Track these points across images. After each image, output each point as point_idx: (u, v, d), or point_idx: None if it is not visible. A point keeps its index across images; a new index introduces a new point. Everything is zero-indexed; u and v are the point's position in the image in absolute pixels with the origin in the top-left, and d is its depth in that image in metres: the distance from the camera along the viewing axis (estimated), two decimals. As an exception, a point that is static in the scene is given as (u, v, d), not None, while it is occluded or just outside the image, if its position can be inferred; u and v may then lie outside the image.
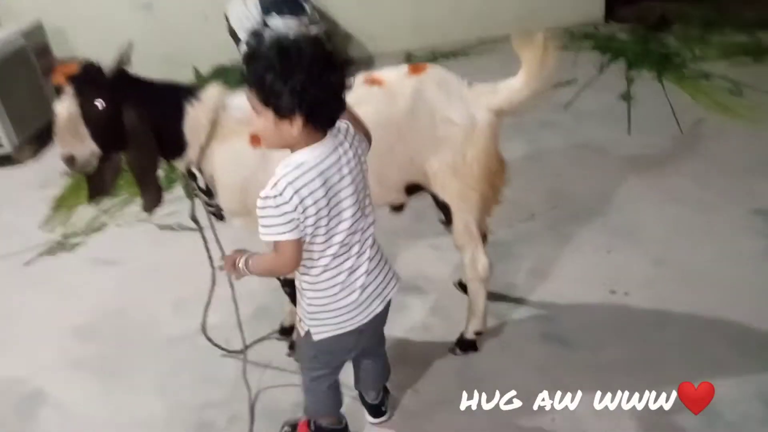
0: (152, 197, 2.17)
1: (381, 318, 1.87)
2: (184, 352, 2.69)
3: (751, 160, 3.44)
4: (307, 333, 1.82)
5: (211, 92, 2.11)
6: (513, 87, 2.17)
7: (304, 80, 1.45)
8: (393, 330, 2.44)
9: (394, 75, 2.18)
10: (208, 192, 2.20)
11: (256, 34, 1.53)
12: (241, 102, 2.04)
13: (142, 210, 2.23)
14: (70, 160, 2.04)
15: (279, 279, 2.50)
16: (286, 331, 2.71)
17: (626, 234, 3.03)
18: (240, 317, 2.41)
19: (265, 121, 1.55)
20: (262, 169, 2.07)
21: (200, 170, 2.16)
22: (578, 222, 3.15)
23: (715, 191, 3.23)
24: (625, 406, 2.17)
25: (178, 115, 2.07)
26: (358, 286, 1.75)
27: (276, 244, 1.61)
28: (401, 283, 1.90)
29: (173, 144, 2.10)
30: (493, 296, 2.57)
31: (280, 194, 1.55)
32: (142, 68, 2.07)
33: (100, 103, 1.96)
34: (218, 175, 2.14)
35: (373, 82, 2.15)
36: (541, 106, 2.38)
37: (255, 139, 2.07)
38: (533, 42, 2.09)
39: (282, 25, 4.81)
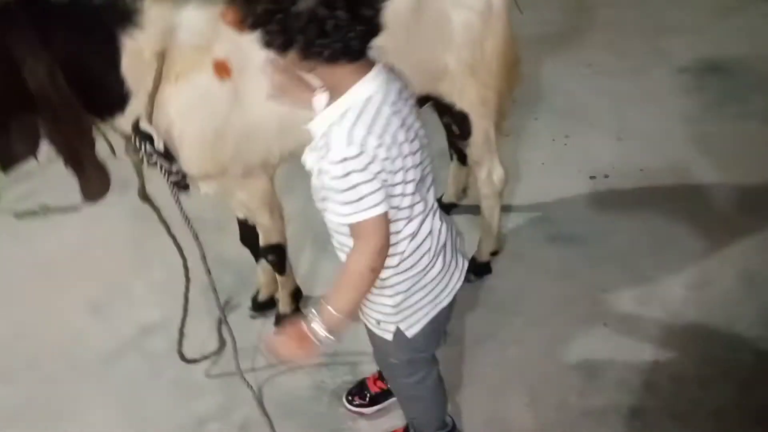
0: (94, 179, 1.52)
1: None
2: (133, 367, 2.09)
3: (656, 21, 3.43)
4: (397, 333, 1.38)
5: (154, 12, 1.47)
6: None
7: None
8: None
9: None
10: (168, 155, 1.58)
11: None
12: (194, 19, 1.46)
13: (83, 199, 1.55)
14: None
15: (259, 248, 1.98)
16: (262, 306, 2.20)
17: (573, 115, 2.88)
18: (220, 303, 1.87)
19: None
20: (237, 109, 1.57)
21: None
22: (521, 115, 2.93)
23: (634, 57, 3.18)
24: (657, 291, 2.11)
25: (112, 54, 1.43)
26: (441, 246, 1.33)
27: (361, 227, 1.15)
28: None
29: (110, 96, 1.47)
30: (475, 210, 2.28)
31: (363, 149, 1.10)
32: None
33: None
34: (179, 126, 1.55)
35: None
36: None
37: (221, 68, 1.53)
38: None
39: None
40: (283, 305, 2.10)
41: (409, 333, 1.39)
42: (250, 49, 1.55)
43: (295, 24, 1.03)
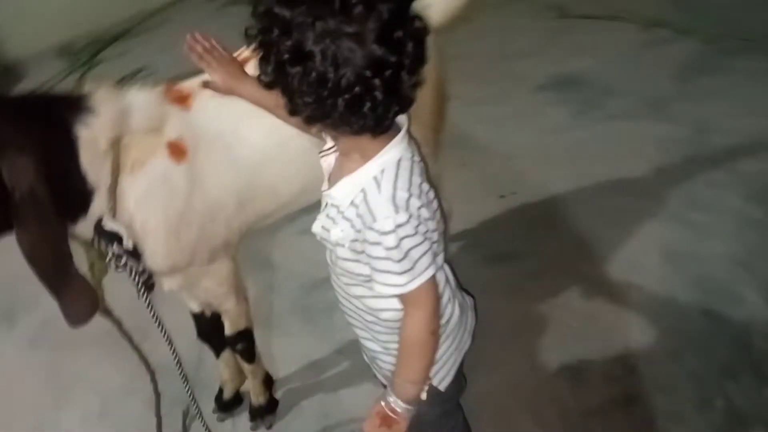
0: (80, 298, 1.32)
1: None
2: None
3: (503, 49, 3.69)
4: (429, 389, 1.30)
5: (105, 95, 1.33)
6: None
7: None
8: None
9: None
10: (136, 253, 1.39)
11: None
12: (141, 100, 1.36)
13: (69, 323, 1.31)
14: None
15: (219, 342, 1.82)
16: (228, 405, 2.00)
17: (460, 145, 2.99)
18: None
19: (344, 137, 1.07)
20: (197, 190, 1.47)
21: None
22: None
23: (495, 83, 3.41)
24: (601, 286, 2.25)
25: (70, 147, 1.27)
26: (454, 290, 1.29)
27: (414, 293, 1.10)
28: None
29: (74, 196, 1.29)
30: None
31: (408, 212, 1.05)
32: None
33: None
34: (141, 218, 1.40)
35: None
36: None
37: (176, 150, 1.43)
38: None
39: None
40: (257, 395, 1.93)
41: (443, 386, 1.34)
42: (199, 126, 1.47)
43: (330, 102, 0.96)
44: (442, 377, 1.33)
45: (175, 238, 1.44)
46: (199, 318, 1.79)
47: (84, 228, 1.34)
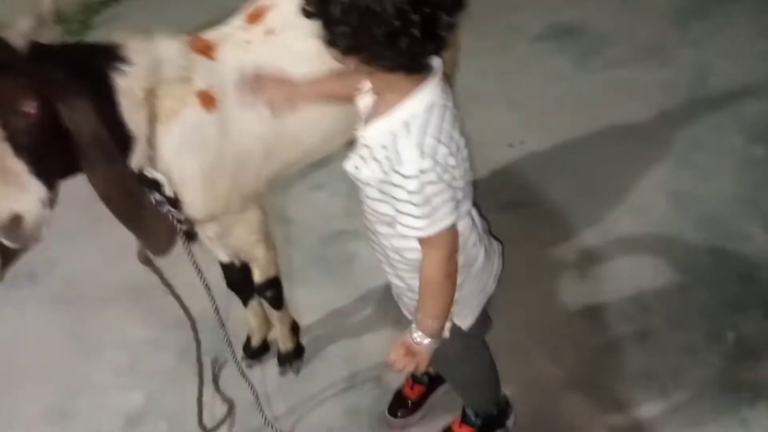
0: (158, 231, 1.37)
1: None
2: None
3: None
4: (453, 328, 1.37)
5: (138, 45, 1.34)
6: None
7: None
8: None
9: None
10: (176, 201, 1.42)
11: None
12: (171, 50, 1.37)
13: (144, 257, 1.35)
14: (14, 224, 1.14)
15: (248, 291, 1.88)
16: (257, 352, 2.06)
17: (464, 96, 2.95)
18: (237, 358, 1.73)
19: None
20: (226, 138, 1.49)
21: (153, 171, 1.39)
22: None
23: (494, 35, 3.38)
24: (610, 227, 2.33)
25: (111, 96, 1.28)
26: (480, 235, 1.34)
27: (433, 238, 1.15)
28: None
29: (119, 145, 1.29)
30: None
31: (434, 159, 1.09)
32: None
33: (31, 108, 1.09)
34: (178, 168, 1.42)
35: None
36: None
37: (207, 99, 1.45)
38: None
39: None
40: (284, 342, 1.98)
41: (465, 324, 1.41)
42: (225, 75, 1.48)
43: (368, 33, 0.98)
44: (465, 316, 1.39)
45: (211, 186, 1.47)
46: (228, 268, 1.83)
47: None
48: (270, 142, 1.56)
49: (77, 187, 1.32)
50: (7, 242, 1.15)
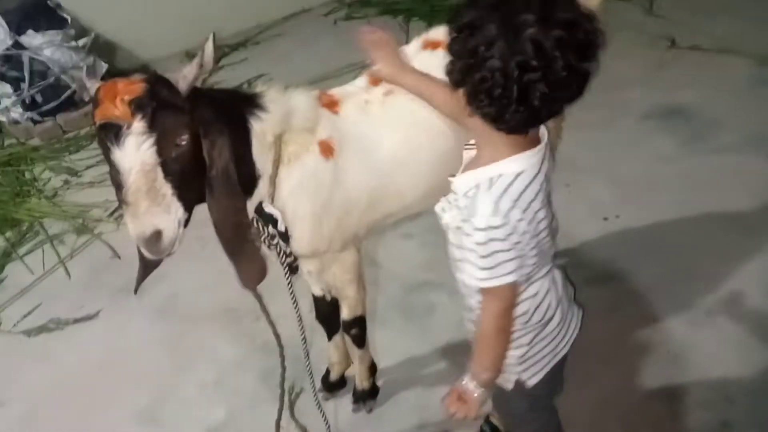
0: (252, 265, 1.50)
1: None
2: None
3: (609, 77, 3.71)
4: (517, 383, 1.42)
5: (275, 96, 1.52)
6: None
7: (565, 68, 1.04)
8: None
9: None
10: (286, 235, 1.57)
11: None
12: (303, 103, 1.53)
13: (241, 285, 1.50)
14: (155, 239, 1.30)
15: (334, 325, 1.98)
16: (334, 386, 2.15)
17: (565, 168, 3.03)
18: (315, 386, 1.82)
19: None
20: (338, 185, 1.62)
21: (271, 207, 1.55)
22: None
23: (601, 110, 3.40)
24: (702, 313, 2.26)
25: (246, 138, 1.46)
26: (559, 299, 1.39)
27: (491, 291, 1.22)
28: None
29: (245, 180, 1.47)
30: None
31: (506, 220, 1.15)
32: None
33: (184, 141, 1.28)
34: (292, 206, 1.56)
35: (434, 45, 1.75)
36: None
37: (326, 148, 1.59)
38: None
39: (44, 42, 3.76)
40: (361, 380, 2.06)
41: (530, 382, 1.44)
42: (345, 129, 1.63)
43: (470, 73, 1.07)
44: (531, 374, 1.42)
45: (318, 226, 1.60)
46: (320, 301, 1.95)
47: (249, 207, 1.51)
48: (376, 193, 1.70)
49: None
50: (147, 253, 1.31)
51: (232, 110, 1.45)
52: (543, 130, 1.22)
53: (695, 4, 4.26)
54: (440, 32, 1.77)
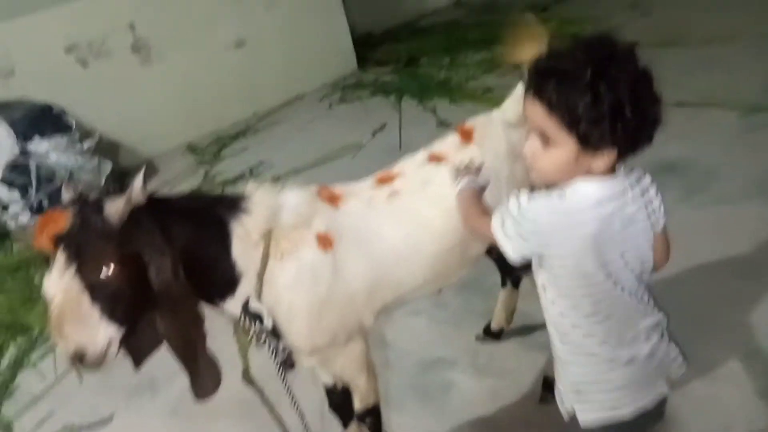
0: (207, 375, 1.53)
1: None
2: None
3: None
4: (573, 413, 1.41)
5: (260, 197, 1.57)
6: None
7: (628, 103, 1.15)
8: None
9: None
10: (276, 332, 1.59)
11: None
12: (293, 199, 1.58)
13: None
14: (80, 356, 1.37)
15: (348, 413, 1.95)
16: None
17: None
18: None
19: (561, 153, 1.21)
20: (338, 277, 1.64)
21: (259, 304, 1.57)
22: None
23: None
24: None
25: (223, 241, 1.51)
26: (643, 361, 1.38)
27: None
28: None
29: (223, 281, 1.52)
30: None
31: (536, 218, 1.24)
32: None
33: (109, 268, 1.34)
34: (288, 301, 1.59)
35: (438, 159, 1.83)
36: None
37: (324, 241, 1.62)
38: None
39: (50, 147, 3.89)
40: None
41: (581, 417, 1.41)
42: (345, 222, 1.68)
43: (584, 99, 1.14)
44: (583, 409, 1.40)
45: (317, 320, 1.62)
46: (331, 391, 1.94)
47: (232, 306, 1.55)
48: (375, 282, 1.71)
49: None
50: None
51: (206, 218, 1.50)
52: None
53: (675, 62, 4.40)
54: (445, 145, 1.87)
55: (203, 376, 1.52)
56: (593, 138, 1.16)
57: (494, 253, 2.03)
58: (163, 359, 1.59)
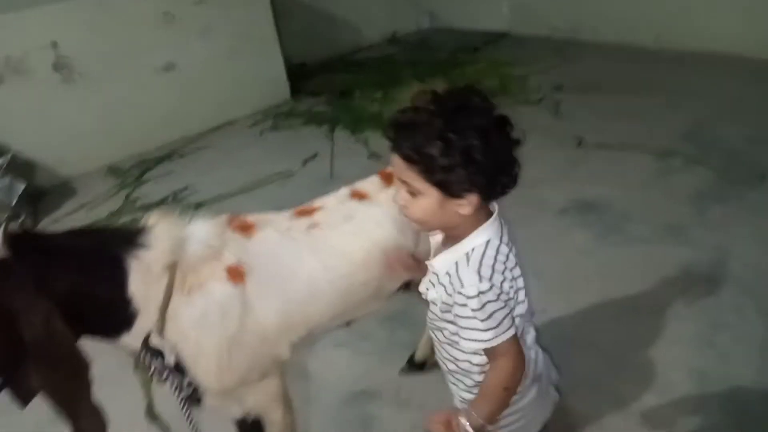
0: (90, 425, 1.43)
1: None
2: None
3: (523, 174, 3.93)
4: None
5: (162, 229, 1.50)
6: None
7: (480, 148, 1.21)
8: None
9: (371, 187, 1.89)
10: (179, 369, 1.52)
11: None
12: (201, 230, 1.54)
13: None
14: None
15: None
16: None
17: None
18: None
19: (426, 201, 1.27)
20: (249, 312, 1.58)
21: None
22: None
23: (519, 207, 3.57)
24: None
25: (117, 278, 1.42)
26: (537, 376, 1.51)
27: (498, 349, 1.31)
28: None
29: (116, 318, 1.45)
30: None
31: (491, 282, 1.28)
32: None
33: None
34: (195, 338, 1.52)
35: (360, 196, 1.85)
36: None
37: (235, 274, 1.57)
38: None
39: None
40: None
41: None
42: (258, 254, 1.63)
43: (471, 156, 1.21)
44: None
45: (227, 360, 1.54)
46: (241, 424, 1.85)
47: (130, 340, 1.47)
48: (290, 315, 1.67)
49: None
50: None
51: (93, 255, 1.42)
52: (494, 205, 1.36)
53: (597, 107, 4.63)
54: (368, 185, 1.88)
55: (86, 427, 1.43)
56: (452, 185, 1.23)
57: (411, 287, 2.03)
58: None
